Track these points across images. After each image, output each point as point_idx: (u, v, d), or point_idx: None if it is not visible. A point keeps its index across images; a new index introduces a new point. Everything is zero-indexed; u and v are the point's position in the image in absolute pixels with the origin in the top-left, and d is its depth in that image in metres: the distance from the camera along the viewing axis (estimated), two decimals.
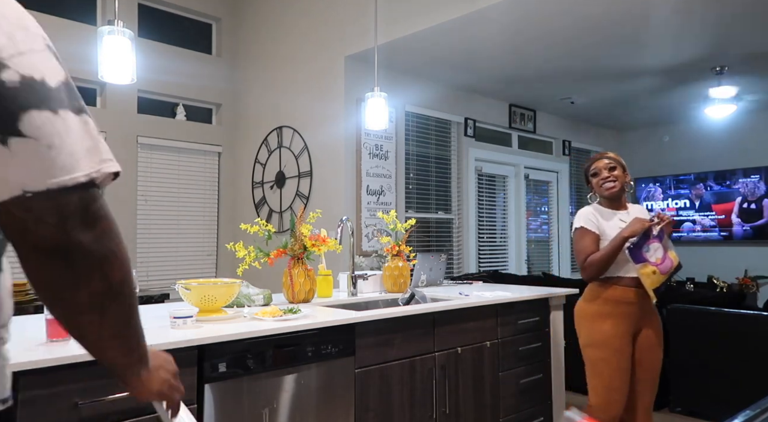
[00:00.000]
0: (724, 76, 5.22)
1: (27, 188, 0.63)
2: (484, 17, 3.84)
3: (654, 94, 5.99)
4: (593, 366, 2.49)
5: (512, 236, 6.41)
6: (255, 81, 5.53)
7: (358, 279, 3.05)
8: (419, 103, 5.24)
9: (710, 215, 7.19)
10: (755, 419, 1.03)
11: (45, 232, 0.66)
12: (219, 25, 5.75)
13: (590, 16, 3.88)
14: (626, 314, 2.46)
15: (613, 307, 2.46)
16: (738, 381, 3.49)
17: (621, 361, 2.43)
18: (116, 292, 0.72)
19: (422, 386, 2.48)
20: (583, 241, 2.49)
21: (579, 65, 4.99)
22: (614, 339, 2.43)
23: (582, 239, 2.50)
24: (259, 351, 1.91)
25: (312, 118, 4.91)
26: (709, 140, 7.12)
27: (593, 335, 2.47)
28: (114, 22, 2.34)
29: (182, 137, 5.34)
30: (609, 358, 2.43)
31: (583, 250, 2.48)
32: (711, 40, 4.42)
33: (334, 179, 4.70)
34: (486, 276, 4.73)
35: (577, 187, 7.39)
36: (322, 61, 4.80)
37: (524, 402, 3.02)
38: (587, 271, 2.47)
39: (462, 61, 4.81)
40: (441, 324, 2.58)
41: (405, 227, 3.20)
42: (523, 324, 3.01)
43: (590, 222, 2.51)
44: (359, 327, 2.23)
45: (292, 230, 2.66)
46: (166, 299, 4.26)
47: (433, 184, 5.47)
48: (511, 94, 6.00)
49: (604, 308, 2.47)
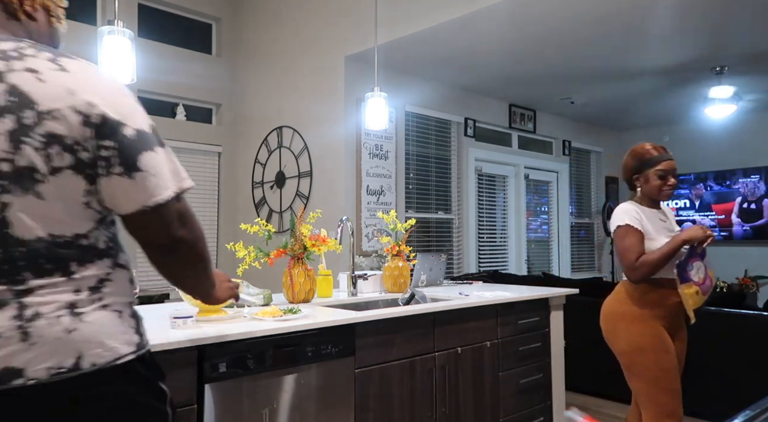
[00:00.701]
0: (724, 76, 5.22)
1: (144, 204, 1.00)
2: (484, 17, 3.84)
3: (654, 94, 6.00)
4: (647, 373, 2.27)
5: (512, 236, 6.41)
6: (255, 81, 5.53)
7: (358, 279, 3.04)
8: (419, 103, 5.24)
9: (710, 215, 7.20)
10: (755, 419, 1.03)
11: (156, 233, 1.04)
12: (219, 25, 5.75)
13: (590, 16, 3.88)
14: (671, 316, 2.33)
15: (661, 309, 2.31)
16: (738, 381, 3.49)
17: (675, 360, 2.28)
18: (205, 259, 1.14)
19: (422, 386, 2.48)
20: (630, 239, 2.31)
21: (579, 65, 4.99)
22: (666, 342, 2.28)
23: (628, 237, 2.31)
24: (259, 351, 1.91)
25: (312, 118, 4.91)
26: (709, 140, 7.12)
27: (642, 339, 2.28)
28: (114, 22, 2.33)
29: (182, 137, 5.33)
30: (665, 360, 2.25)
31: (631, 248, 2.29)
32: (711, 40, 4.42)
33: (334, 179, 4.70)
34: (486, 276, 4.73)
35: (577, 187, 7.39)
36: (322, 61, 4.80)
37: (524, 402, 3.02)
38: (639, 271, 2.27)
39: (462, 61, 4.81)
40: (441, 324, 2.58)
41: (405, 227, 3.20)
42: (523, 324, 3.01)
43: (636, 220, 2.33)
44: (359, 327, 2.23)
45: (292, 230, 2.66)
46: (166, 300, 4.26)
47: (433, 184, 5.47)
48: (511, 94, 6.00)
49: (653, 311, 2.30)
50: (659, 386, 2.25)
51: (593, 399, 4.11)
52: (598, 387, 4.18)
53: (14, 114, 0.93)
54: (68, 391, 0.96)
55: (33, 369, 0.93)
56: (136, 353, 1.03)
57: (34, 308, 0.95)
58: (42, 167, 0.94)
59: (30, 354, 0.94)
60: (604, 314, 2.45)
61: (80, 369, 0.96)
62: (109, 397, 1.00)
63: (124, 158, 0.98)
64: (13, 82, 0.94)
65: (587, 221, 7.58)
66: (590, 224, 7.63)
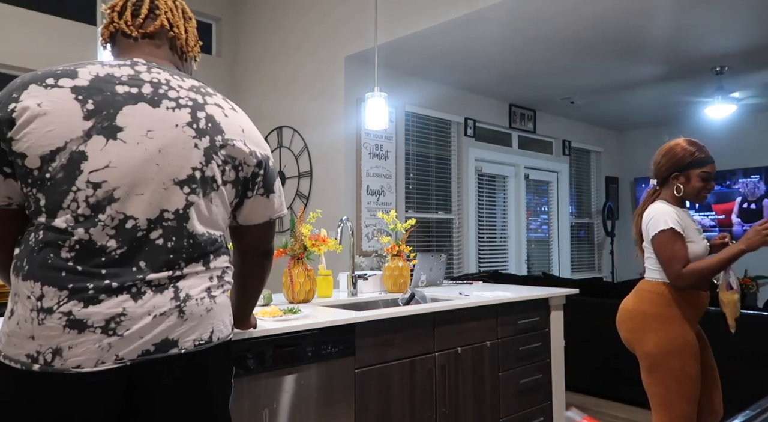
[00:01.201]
0: (724, 76, 5.22)
1: (271, 216, 1.41)
2: (484, 17, 3.84)
3: (654, 94, 6.00)
4: (671, 377, 2.19)
5: (512, 236, 6.41)
6: (255, 81, 5.53)
7: (358, 279, 3.04)
8: (419, 103, 5.24)
9: (710, 215, 7.20)
10: (755, 419, 1.04)
11: (267, 239, 1.45)
12: (219, 25, 5.75)
13: (590, 15, 3.88)
14: (696, 317, 2.29)
15: (693, 310, 2.26)
16: (738, 381, 3.49)
17: (699, 368, 2.23)
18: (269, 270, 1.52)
19: (422, 386, 2.48)
20: (676, 245, 2.19)
21: (579, 65, 4.99)
22: (695, 348, 2.21)
23: (674, 242, 2.19)
24: (259, 351, 1.91)
25: (312, 118, 4.91)
26: (709, 140, 7.06)
27: (674, 342, 2.19)
28: None
29: None
30: (691, 366, 2.19)
31: (677, 255, 2.18)
32: (711, 40, 4.42)
33: (334, 179, 4.69)
34: (486, 276, 4.73)
35: (577, 187, 7.39)
36: (322, 61, 4.80)
37: (524, 402, 3.02)
38: (687, 279, 2.17)
39: (462, 61, 4.81)
40: (441, 324, 2.58)
41: (405, 227, 3.20)
42: (523, 324, 3.01)
43: (678, 224, 2.21)
44: (359, 327, 2.23)
45: (292, 230, 2.66)
46: None
47: (433, 184, 5.47)
48: (511, 95, 6.00)
49: (685, 312, 2.23)
50: (680, 392, 2.17)
51: (593, 399, 4.11)
52: (598, 387, 4.18)
53: (210, 137, 1.24)
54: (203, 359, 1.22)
55: (184, 340, 1.19)
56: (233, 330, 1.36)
57: (185, 290, 1.20)
58: (219, 178, 1.25)
59: (183, 328, 1.19)
60: (628, 315, 2.34)
61: (212, 341, 1.24)
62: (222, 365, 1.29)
63: (266, 183, 1.36)
64: (210, 113, 1.26)
65: (587, 221, 7.58)
66: (590, 224, 7.63)
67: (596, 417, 3.67)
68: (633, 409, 3.90)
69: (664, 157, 2.35)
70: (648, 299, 2.28)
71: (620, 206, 7.95)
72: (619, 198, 8.00)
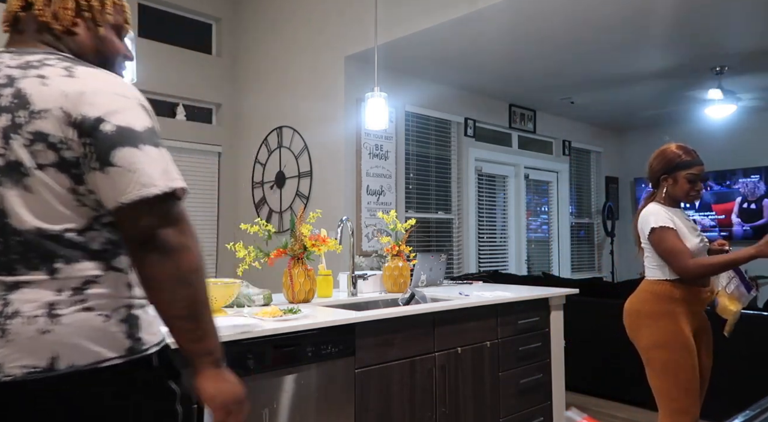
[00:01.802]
0: (724, 76, 5.22)
1: (120, 200, 0.98)
2: (484, 17, 3.84)
3: (654, 94, 5.99)
4: (665, 369, 2.28)
5: (512, 236, 6.41)
6: (255, 81, 5.53)
7: (358, 279, 3.05)
8: (419, 103, 5.24)
9: (710, 215, 7.19)
10: (755, 419, 1.04)
11: (137, 230, 1.00)
12: (219, 25, 5.75)
13: (590, 15, 3.87)
14: (694, 314, 2.35)
15: (686, 306, 2.31)
16: (738, 381, 3.49)
17: (695, 360, 2.29)
18: (184, 279, 1.01)
19: (422, 386, 2.48)
20: (674, 239, 2.29)
21: (579, 65, 4.99)
22: (687, 340, 2.28)
23: (670, 237, 2.29)
24: (259, 351, 1.91)
25: (312, 118, 4.91)
26: (709, 140, 7.11)
27: (663, 336, 2.28)
28: None
29: (182, 137, 5.33)
30: (684, 358, 2.26)
31: (679, 248, 2.27)
32: (711, 40, 4.41)
33: (334, 179, 4.69)
34: (486, 276, 4.73)
35: (577, 187, 7.39)
36: (322, 61, 4.80)
37: (524, 402, 3.02)
38: (693, 273, 2.26)
39: (462, 61, 4.81)
40: (441, 324, 2.58)
41: (405, 227, 3.20)
42: (523, 324, 3.01)
43: (668, 220, 2.32)
44: (359, 327, 2.23)
45: (292, 230, 2.66)
46: None
47: (433, 184, 5.47)
48: (511, 95, 6.00)
49: (676, 308, 2.30)
50: (676, 383, 2.27)
51: (593, 399, 4.11)
52: (598, 387, 4.18)
53: (10, 113, 0.99)
54: (48, 391, 0.96)
55: (9, 366, 0.95)
56: (125, 357, 1.02)
57: (15, 305, 0.97)
58: (29, 162, 0.98)
59: (6, 350, 0.96)
60: (626, 313, 2.46)
61: (55, 369, 0.96)
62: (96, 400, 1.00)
63: (98, 152, 0.98)
64: (20, 87, 1.01)
65: (587, 221, 7.58)
66: (590, 224, 7.63)
67: (596, 417, 3.67)
68: (633, 409, 3.90)
69: (655, 160, 2.47)
70: (642, 298, 2.40)
71: (620, 206, 7.95)
72: (619, 198, 8.00)
